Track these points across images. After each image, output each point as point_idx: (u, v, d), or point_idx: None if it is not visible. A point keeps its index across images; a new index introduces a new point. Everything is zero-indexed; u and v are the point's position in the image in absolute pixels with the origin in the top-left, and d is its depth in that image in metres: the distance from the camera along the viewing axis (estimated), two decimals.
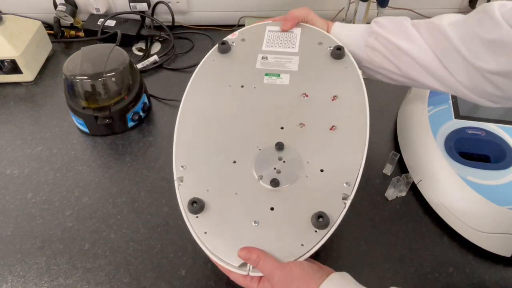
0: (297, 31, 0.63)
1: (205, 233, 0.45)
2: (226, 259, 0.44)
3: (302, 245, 0.44)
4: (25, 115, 0.79)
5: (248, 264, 0.43)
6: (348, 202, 0.46)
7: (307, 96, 0.55)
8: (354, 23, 0.83)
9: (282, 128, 0.53)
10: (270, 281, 0.42)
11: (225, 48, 0.61)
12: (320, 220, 0.44)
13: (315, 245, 0.44)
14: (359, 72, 0.57)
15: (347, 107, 0.53)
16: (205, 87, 0.58)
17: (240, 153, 0.51)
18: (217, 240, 0.45)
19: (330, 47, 0.60)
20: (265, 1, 0.98)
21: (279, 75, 0.58)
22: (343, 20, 0.87)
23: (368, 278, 0.45)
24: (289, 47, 0.61)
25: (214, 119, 0.54)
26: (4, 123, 0.78)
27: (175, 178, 0.50)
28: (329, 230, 0.44)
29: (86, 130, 0.74)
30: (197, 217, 0.46)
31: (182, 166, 0.50)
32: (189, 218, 0.47)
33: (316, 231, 0.44)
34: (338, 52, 0.58)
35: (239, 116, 0.55)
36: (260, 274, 0.43)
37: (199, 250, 0.56)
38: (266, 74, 0.58)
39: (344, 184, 0.47)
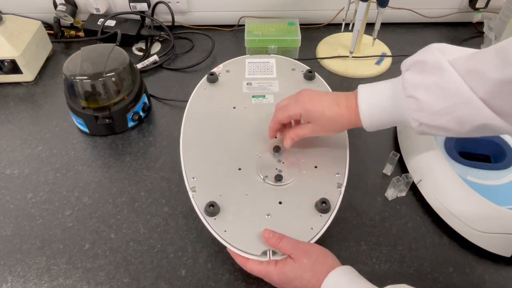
0: (272, 61, 0.74)
1: (225, 231, 0.50)
2: (248, 250, 0.49)
3: (312, 228, 0.50)
4: (25, 115, 0.79)
5: (268, 251, 0.48)
6: (343, 189, 0.54)
7: None
8: (354, 23, 0.83)
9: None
10: (294, 255, 0.46)
11: (213, 79, 0.69)
12: (324, 205, 0.51)
13: (323, 226, 0.51)
14: (329, 88, 0.68)
15: None
16: (201, 110, 0.65)
17: (243, 161, 0.58)
18: (236, 236, 0.50)
19: (302, 71, 0.71)
20: (265, 1, 0.98)
21: (264, 96, 0.67)
22: (343, 20, 0.87)
23: (368, 278, 0.45)
24: (268, 74, 0.72)
25: (215, 135, 0.61)
26: (4, 123, 0.78)
27: (188, 188, 0.54)
28: (332, 213, 0.52)
29: (86, 130, 0.74)
30: (215, 219, 0.51)
31: (193, 177, 0.56)
32: (208, 221, 0.51)
33: (321, 216, 0.51)
34: (310, 75, 0.69)
35: (236, 131, 0.62)
36: (279, 257, 0.48)
37: (199, 250, 0.57)
38: (253, 96, 0.67)
39: (336, 175, 0.56)
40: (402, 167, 0.67)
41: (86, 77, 0.67)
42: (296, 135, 0.55)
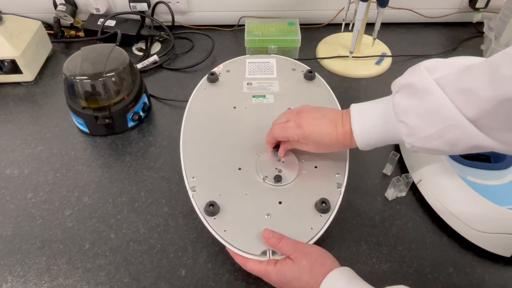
0: (273, 61, 0.74)
1: (225, 231, 0.50)
2: (247, 250, 0.49)
3: (312, 228, 0.50)
4: (25, 115, 0.79)
5: (268, 251, 0.48)
6: (343, 189, 0.54)
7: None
8: (354, 23, 0.83)
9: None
10: (293, 256, 0.47)
11: (213, 78, 0.69)
12: (323, 205, 0.51)
13: (323, 226, 0.51)
14: (329, 88, 0.68)
15: None
16: (201, 110, 0.65)
17: (243, 161, 0.58)
18: (236, 235, 0.50)
19: (302, 71, 0.71)
20: (265, 1, 0.98)
21: (264, 96, 0.67)
22: (343, 20, 0.87)
23: (368, 278, 0.45)
24: (268, 74, 0.72)
25: (215, 135, 0.61)
26: (4, 123, 0.78)
27: (188, 188, 0.54)
28: (332, 213, 0.52)
29: (86, 130, 0.74)
30: (214, 218, 0.51)
31: (193, 177, 0.56)
32: (207, 220, 0.51)
33: (321, 216, 0.51)
34: (310, 75, 0.70)
35: (236, 130, 0.62)
36: (279, 257, 0.48)
37: (199, 250, 0.57)
38: (254, 96, 0.67)
39: (336, 175, 0.56)
40: (402, 167, 0.67)
41: (86, 77, 0.67)
42: (290, 145, 0.57)
